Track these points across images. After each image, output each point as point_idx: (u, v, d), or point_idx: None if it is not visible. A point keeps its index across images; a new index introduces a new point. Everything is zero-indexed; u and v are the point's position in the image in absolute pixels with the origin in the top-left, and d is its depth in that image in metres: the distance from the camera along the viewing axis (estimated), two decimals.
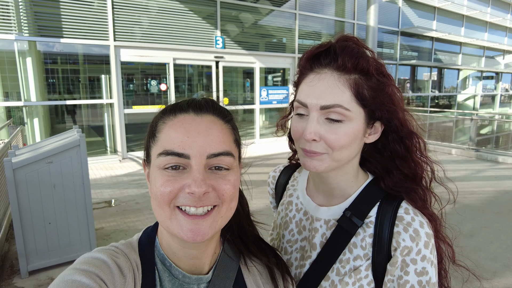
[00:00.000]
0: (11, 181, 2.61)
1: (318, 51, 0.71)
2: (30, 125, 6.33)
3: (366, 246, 0.71)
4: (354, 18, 10.59)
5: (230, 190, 0.56)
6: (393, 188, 0.75)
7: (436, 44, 13.63)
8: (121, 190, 5.07)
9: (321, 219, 0.79)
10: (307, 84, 0.71)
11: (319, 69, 0.70)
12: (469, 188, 5.36)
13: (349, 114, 0.67)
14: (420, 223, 0.68)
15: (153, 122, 0.61)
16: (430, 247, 0.67)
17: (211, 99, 0.63)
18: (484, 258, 3.20)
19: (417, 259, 0.66)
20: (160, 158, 0.55)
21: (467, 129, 8.60)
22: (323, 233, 0.77)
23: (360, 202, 0.75)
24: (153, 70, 7.55)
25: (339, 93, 0.67)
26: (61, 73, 6.64)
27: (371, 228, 0.72)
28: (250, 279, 0.68)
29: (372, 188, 0.76)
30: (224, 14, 7.98)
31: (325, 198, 0.81)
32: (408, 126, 0.76)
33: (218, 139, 0.56)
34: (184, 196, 0.53)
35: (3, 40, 5.80)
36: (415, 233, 0.67)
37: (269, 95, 9.07)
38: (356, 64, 0.68)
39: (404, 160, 0.76)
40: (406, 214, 0.69)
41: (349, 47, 0.69)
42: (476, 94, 16.43)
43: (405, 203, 0.72)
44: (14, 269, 2.90)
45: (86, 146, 2.91)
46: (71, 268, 0.52)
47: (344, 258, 0.73)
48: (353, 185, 0.77)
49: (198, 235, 0.53)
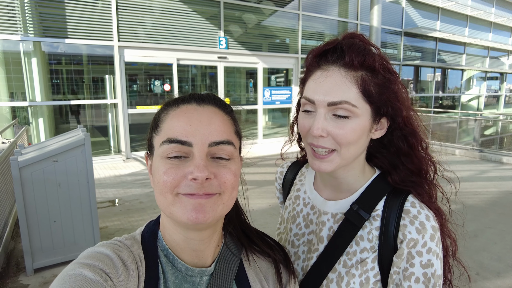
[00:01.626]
0: (17, 179, 2.64)
1: (325, 48, 0.72)
2: (35, 125, 6.38)
3: (372, 238, 0.73)
4: (357, 18, 10.58)
5: (232, 179, 0.57)
6: (400, 183, 0.76)
7: (439, 45, 13.56)
8: (125, 189, 5.09)
9: (328, 213, 0.80)
10: (314, 81, 0.72)
11: (326, 66, 0.71)
12: (473, 188, 5.34)
13: (356, 110, 0.69)
14: (426, 216, 0.69)
15: (156, 115, 0.63)
16: (435, 240, 0.68)
17: (212, 93, 0.64)
18: (488, 258, 3.19)
19: (422, 251, 0.67)
20: (163, 146, 0.56)
21: (471, 130, 8.56)
22: (330, 227, 0.79)
23: (367, 196, 0.76)
24: (156, 70, 7.58)
25: (346, 90, 0.68)
26: (65, 73, 6.69)
27: (377, 221, 0.73)
28: (251, 273, 0.68)
29: (379, 183, 0.78)
30: (227, 14, 8.00)
31: (332, 193, 0.82)
32: (412, 124, 0.77)
33: (219, 128, 0.58)
34: (187, 184, 0.54)
35: (9, 41, 5.86)
36: (421, 226, 0.68)
37: (272, 95, 9.08)
38: (362, 61, 0.69)
39: (408, 156, 0.77)
40: (412, 208, 0.70)
41: (355, 44, 0.70)
42: (480, 95, 16.33)
43: (412, 197, 0.73)
44: (20, 267, 2.93)
45: (91, 145, 2.93)
46: (75, 262, 0.52)
47: (351, 251, 0.74)
48: (360, 180, 0.78)
49: (200, 214, 0.54)
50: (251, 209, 3.64)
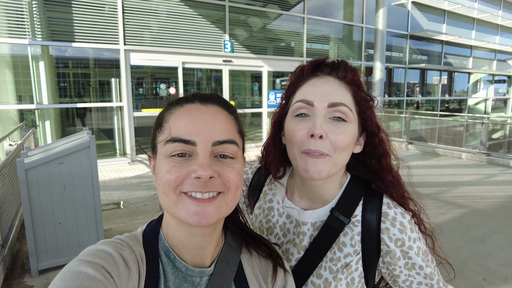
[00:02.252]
0: (23, 181, 2.67)
1: (319, 61, 0.79)
2: (41, 127, 6.46)
3: (355, 243, 0.77)
4: (363, 21, 10.56)
5: (236, 178, 0.58)
6: (383, 189, 0.82)
7: (446, 48, 13.48)
8: (129, 192, 5.12)
9: (307, 223, 0.82)
10: (311, 85, 0.76)
11: (322, 75, 0.77)
12: (480, 192, 5.27)
13: (351, 115, 0.74)
14: (401, 215, 0.75)
15: (159, 114, 0.63)
16: (414, 230, 0.75)
17: (216, 93, 0.65)
18: (495, 263, 3.14)
19: (412, 244, 0.74)
20: (167, 145, 0.56)
21: (478, 133, 8.46)
22: (311, 235, 0.81)
23: (345, 201, 0.80)
24: (162, 73, 7.63)
25: (343, 95, 0.74)
26: (72, 77, 6.77)
27: (358, 226, 0.77)
28: (249, 272, 0.68)
29: (353, 187, 0.82)
30: (232, 18, 8.05)
31: (308, 203, 0.84)
32: (384, 145, 0.83)
33: (223, 127, 0.58)
34: (190, 182, 0.54)
35: (17, 45, 5.95)
36: (401, 226, 0.74)
37: (276, 98, 9.08)
38: (353, 77, 0.77)
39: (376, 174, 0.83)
40: (389, 209, 0.76)
41: (346, 63, 0.79)
42: (488, 98, 16.17)
43: (386, 198, 0.79)
44: (25, 268, 2.95)
45: (96, 147, 2.96)
46: (76, 259, 0.52)
47: (335, 257, 0.78)
48: (337, 190, 0.82)
49: (204, 218, 0.54)
50: None
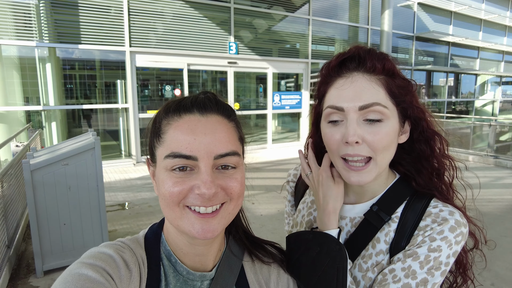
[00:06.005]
0: (29, 182, 2.69)
1: (343, 58, 0.72)
2: (48, 128, 6.52)
3: (389, 240, 0.71)
4: (368, 23, 10.52)
5: (238, 188, 0.58)
6: (425, 186, 0.75)
7: (452, 49, 13.37)
8: (134, 193, 5.13)
9: (346, 217, 0.79)
10: (338, 89, 0.71)
11: (348, 73, 0.71)
12: (488, 195, 5.20)
13: (387, 112, 0.68)
14: (450, 212, 0.68)
15: (156, 120, 0.61)
16: (456, 232, 0.65)
17: (213, 93, 0.63)
18: (503, 268, 3.09)
19: (436, 237, 0.65)
20: (167, 160, 0.55)
21: (485, 136, 8.37)
22: (347, 231, 0.78)
23: (388, 199, 0.75)
24: (167, 75, 7.67)
25: (374, 92, 0.68)
26: (78, 78, 6.83)
27: (396, 223, 0.72)
28: (251, 276, 0.68)
29: (400, 186, 0.77)
30: (237, 20, 8.07)
31: (352, 198, 0.81)
32: (433, 127, 0.77)
33: (224, 139, 0.57)
34: (194, 197, 0.54)
35: (25, 47, 6.03)
36: (442, 220, 0.66)
37: (281, 100, 9.07)
38: (383, 65, 0.70)
39: (429, 159, 0.77)
40: (434, 209, 0.70)
41: (373, 51, 0.72)
42: (495, 100, 16.00)
43: (435, 201, 0.72)
44: (30, 269, 2.97)
45: (101, 149, 2.97)
46: (78, 262, 0.52)
47: (366, 254, 0.73)
48: (384, 185, 0.78)
49: (209, 233, 0.55)
50: (259, 214, 3.65)
